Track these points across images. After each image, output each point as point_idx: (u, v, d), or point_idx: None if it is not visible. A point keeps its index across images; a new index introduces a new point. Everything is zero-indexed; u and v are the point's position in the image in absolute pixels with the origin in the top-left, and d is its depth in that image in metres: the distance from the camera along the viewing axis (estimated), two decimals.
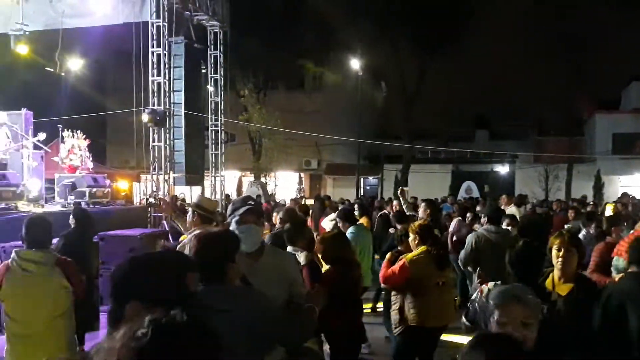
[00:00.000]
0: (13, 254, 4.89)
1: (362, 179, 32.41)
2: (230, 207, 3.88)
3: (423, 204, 9.13)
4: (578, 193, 25.94)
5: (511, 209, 12.85)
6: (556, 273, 4.00)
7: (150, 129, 15.42)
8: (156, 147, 15.57)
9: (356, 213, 11.59)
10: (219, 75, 18.78)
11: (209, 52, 18.50)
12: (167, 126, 15.67)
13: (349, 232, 7.87)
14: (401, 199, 10.04)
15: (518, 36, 28.63)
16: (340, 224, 8.13)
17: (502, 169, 34.71)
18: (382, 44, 30.15)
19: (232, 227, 3.72)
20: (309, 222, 10.77)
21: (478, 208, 13.83)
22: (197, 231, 5.51)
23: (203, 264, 2.73)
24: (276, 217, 8.62)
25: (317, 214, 11.79)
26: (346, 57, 29.79)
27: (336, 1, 29.55)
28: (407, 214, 9.62)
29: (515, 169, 34.11)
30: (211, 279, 2.90)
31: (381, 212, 13.57)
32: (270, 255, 3.77)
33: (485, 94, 29.80)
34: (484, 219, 7.80)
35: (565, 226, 10.04)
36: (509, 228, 7.67)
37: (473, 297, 3.98)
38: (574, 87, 28.52)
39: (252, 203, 3.89)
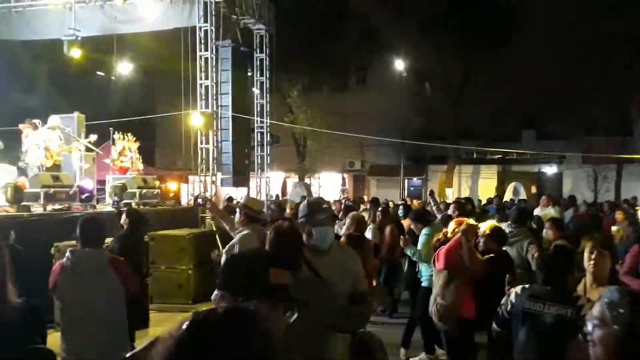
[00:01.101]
0: (68, 253, 4.99)
1: (406, 180, 32.29)
2: (304, 208, 4.00)
3: (452, 206, 9.09)
4: (628, 194, 25.29)
5: (548, 211, 12.69)
6: (588, 277, 3.91)
7: (198, 131, 15.73)
8: (204, 149, 15.88)
9: (400, 214, 11.69)
10: (264, 77, 19.04)
11: (255, 55, 18.75)
12: (215, 128, 15.96)
13: (423, 232, 7.84)
14: (431, 200, 10.03)
15: (566, 34, 28.08)
16: (413, 226, 8.11)
17: (550, 170, 34.10)
18: (426, 44, 29.98)
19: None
20: None
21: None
22: (245, 231, 5.67)
23: (281, 255, 2.99)
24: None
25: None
26: (390, 57, 29.75)
27: (380, 2, 29.54)
28: (437, 215, 9.63)
29: (563, 169, 33.47)
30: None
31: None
32: (337, 252, 3.96)
33: (532, 93, 29.28)
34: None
35: (613, 228, 9.88)
36: (549, 231, 7.56)
37: (502, 302, 3.96)
38: (623, 86, 27.84)
39: (327, 207, 4.08)
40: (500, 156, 32.19)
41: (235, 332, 1.33)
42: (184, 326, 1.34)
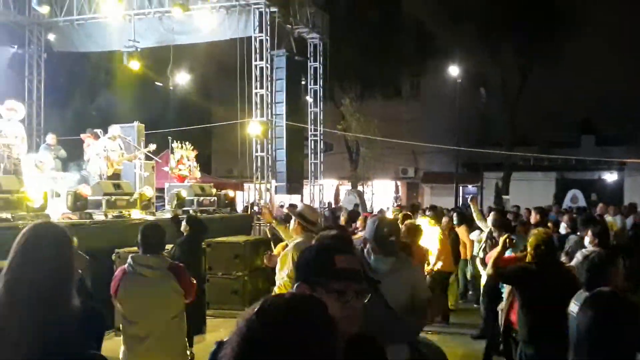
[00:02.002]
0: (129, 259, 5.08)
1: (460, 187, 31.88)
2: (372, 228, 3.97)
3: (492, 213, 8.91)
4: None
5: (607, 219, 12.35)
6: None
7: (253, 139, 15.94)
8: (259, 156, 16.08)
9: (455, 222, 11.57)
10: (318, 86, 19.16)
11: (308, 63, 18.90)
12: (269, 137, 16.14)
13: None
14: (471, 207, 9.86)
15: (626, 36, 27.30)
16: (495, 233, 7.99)
17: (610, 177, 33.13)
18: (481, 50, 29.61)
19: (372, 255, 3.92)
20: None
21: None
22: (299, 239, 5.72)
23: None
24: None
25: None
26: (444, 63, 29.49)
27: (434, 8, 29.34)
28: (479, 224, 9.47)
29: (625, 176, 32.45)
30: None
31: None
32: (397, 265, 3.96)
33: (591, 97, 28.57)
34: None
35: None
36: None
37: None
38: None
39: (394, 239, 4.03)
40: (558, 163, 31.44)
41: (299, 315, 1.47)
42: (254, 311, 1.46)
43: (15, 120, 10.80)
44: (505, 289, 6.22)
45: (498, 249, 5.65)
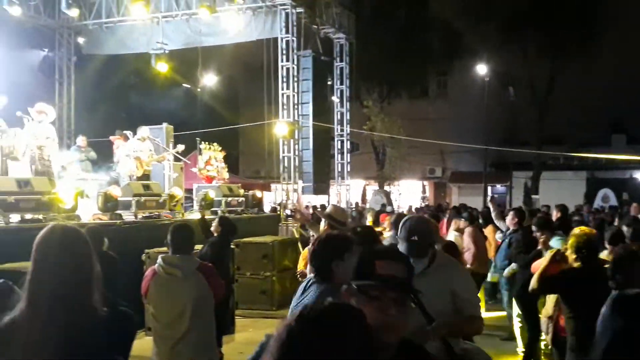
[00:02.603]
0: (159, 260, 5.13)
1: (489, 187, 31.59)
2: (400, 229, 3.77)
3: (511, 213, 8.76)
4: None
5: None
6: None
7: (280, 140, 15.98)
8: (285, 157, 16.11)
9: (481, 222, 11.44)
10: (344, 86, 19.14)
11: (335, 63, 18.90)
12: (296, 137, 16.17)
13: (554, 242, 7.44)
14: (491, 207, 9.74)
15: None
16: (539, 234, 7.82)
17: None
18: (509, 48, 29.31)
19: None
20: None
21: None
22: None
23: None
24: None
25: None
26: (471, 62, 29.26)
27: (461, 6, 29.12)
28: (497, 224, 9.34)
29: None
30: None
31: None
32: (438, 269, 3.64)
33: (621, 96, 28.09)
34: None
35: None
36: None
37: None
38: None
39: (416, 239, 3.77)
40: (588, 162, 30.97)
41: (335, 325, 1.52)
42: (294, 318, 1.52)
43: (47, 123, 10.95)
44: (550, 297, 5.94)
45: (544, 263, 5.24)
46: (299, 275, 6.24)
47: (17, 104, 11.24)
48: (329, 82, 19.24)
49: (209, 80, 23.90)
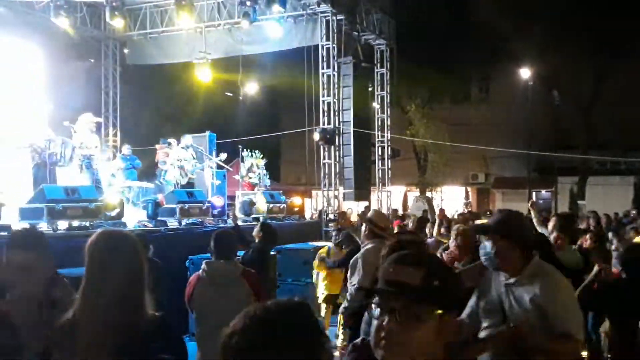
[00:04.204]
0: (203, 265, 5.21)
1: (533, 193, 31.07)
2: None
3: (554, 218, 8.49)
4: None
5: None
6: None
7: (321, 146, 16.03)
8: (326, 164, 16.15)
9: None
10: (385, 92, 19.10)
11: (375, 69, 18.88)
12: (337, 144, 16.19)
13: None
14: (532, 212, 9.53)
15: None
16: (555, 235, 7.60)
17: None
18: (553, 51, 28.82)
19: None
20: None
21: None
22: (369, 245, 5.70)
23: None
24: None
25: None
26: (515, 66, 28.86)
27: (504, 10, 28.77)
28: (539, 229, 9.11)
29: None
30: None
31: None
32: (529, 280, 3.23)
33: None
34: None
35: None
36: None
37: None
38: None
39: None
40: (636, 166, 30.19)
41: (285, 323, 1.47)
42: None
43: (93, 132, 11.23)
44: None
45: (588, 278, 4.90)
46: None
47: (64, 114, 11.58)
48: (370, 88, 19.21)
49: (250, 88, 24.14)
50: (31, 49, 14.94)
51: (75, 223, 9.10)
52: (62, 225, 8.93)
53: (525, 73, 27.92)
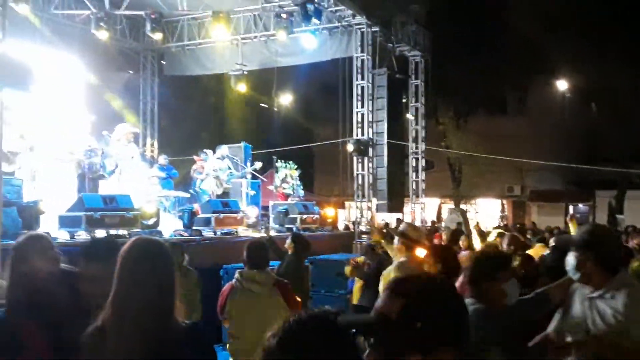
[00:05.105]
0: (237, 275, 5.24)
1: (571, 206, 30.57)
2: None
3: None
4: None
5: None
6: None
7: (355, 158, 16.06)
8: (360, 175, 16.16)
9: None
10: (419, 103, 19.07)
11: (410, 81, 18.86)
12: (370, 155, 16.20)
13: None
14: (570, 226, 9.36)
15: None
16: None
17: None
18: (591, 62, 28.40)
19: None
20: None
21: None
22: (402, 259, 5.70)
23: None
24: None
25: None
26: (551, 78, 28.53)
27: (541, 19, 28.48)
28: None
29: None
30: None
31: None
32: (613, 290, 3.17)
33: None
34: None
35: None
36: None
37: None
38: None
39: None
40: None
41: (320, 339, 1.47)
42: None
43: (131, 142, 11.46)
44: None
45: None
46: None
47: (104, 124, 11.84)
48: (404, 100, 19.19)
49: (285, 99, 24.32)
50: (72, 60, 15.31)
51: (113, 231, 9.27)
52: (100, 233, 9.10)
53: (562, 84, 27.58)
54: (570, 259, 3.26)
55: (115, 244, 3.18)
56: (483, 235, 9.87)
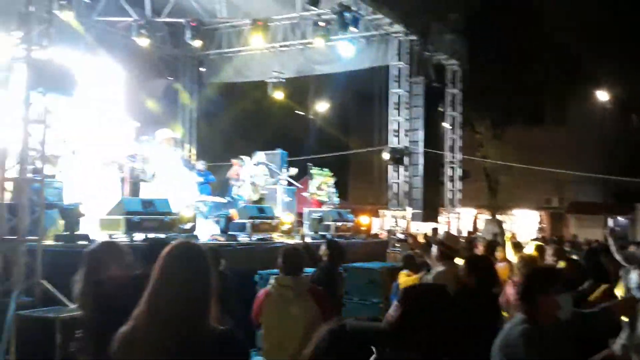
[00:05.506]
0: (272, 281, 5.30)
1: (610, 219, 29.96)
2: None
3: (632, 246, 8.10)
4: None
5: None
6: None
7: (390, 166, 16.03)
8: (395, 183, 16.12)
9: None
10: (456, 112, 18.96)
11: (447, 90, 18.77)
12: (406, 164, 16.16)
13: None
14: (609, 239, 9.16)
15: None
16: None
17: None
18: (632, 73, 27.87)
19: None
20: None
21: None
22: (440, 268, 5.68)
23: None
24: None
25: None
26: (591, 88, 28.08)
27: (580, 32, 28.09)
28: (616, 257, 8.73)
29: None
30: None
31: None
32: None
33: None
34: None
35: None
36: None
37: None
38: None
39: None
40: None
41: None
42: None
43: (171, 147, 11.63)
44: None
45: None
46: None
47: (144, 129, 12.05)
48: (441, 109, 19.11)
49: (321, 107, 24.43)
50: (113, 66, 15.62)
51: (151, 235, 9.40)
52: (139, 237, 9.25)
53: (602, 95, 27.11)
54: (634, 277, 3.24)
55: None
56: (518, 246, 9.75)
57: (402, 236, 14.70)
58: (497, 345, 3.13)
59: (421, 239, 8.67)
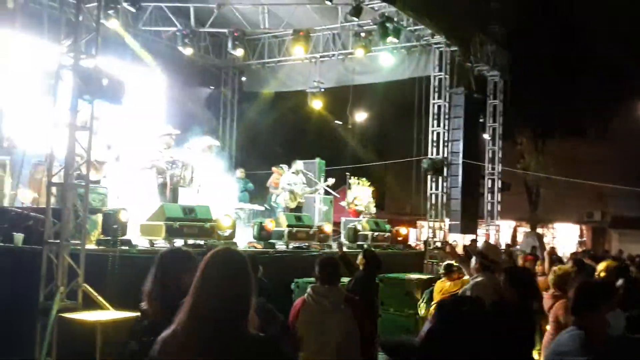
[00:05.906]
0: (309, 289, 5.27)
1: None
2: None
3: None
4: None
5: None
6: None
7: (428, 177, 15.97)
8: (433, 194, 16.04)
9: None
10: (497, 124, 18.79)
11: (487, 101, 18.63)
12: (445, 174, 16.07)
13: None
14: None
15: None
16: None
17: None
18: None
19: None
20: None
21: None
22: (479, 279, 5.65)
23: None
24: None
25: None
26: (635, 101, 27.49)
27: (624, 45, 27.55)
28: None
29: None
30: None
31: None
32: None
33: None
34: None
35: None
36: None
37: None
38: None
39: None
40: None
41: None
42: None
43: (211, 156, 11.80)
44: None
45: None
46: None
47: (185, 137, 12.25)
48: (481, 120, 18.95)
49: (360, 117, 24.43)
50: (157, 74, 15.96)
51: (191, 241, 9.53)
52: (178, 243, 9.38)
53: None
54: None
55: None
56: (557, 260, 9.62)
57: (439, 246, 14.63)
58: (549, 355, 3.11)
59: (460, 250, 8.59)
